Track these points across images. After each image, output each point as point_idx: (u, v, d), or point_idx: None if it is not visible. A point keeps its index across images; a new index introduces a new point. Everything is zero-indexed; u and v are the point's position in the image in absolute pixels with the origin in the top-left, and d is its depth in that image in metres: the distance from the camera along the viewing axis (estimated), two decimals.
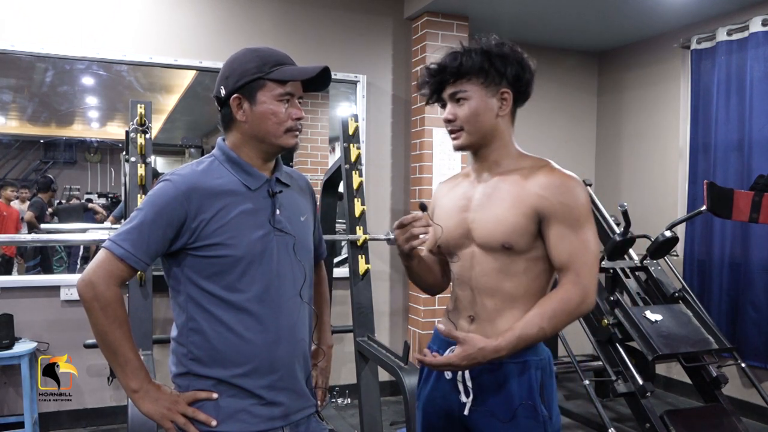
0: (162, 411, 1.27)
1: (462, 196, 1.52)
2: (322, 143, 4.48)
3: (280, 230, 1.34)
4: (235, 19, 3.85)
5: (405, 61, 4.26)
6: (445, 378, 1.49)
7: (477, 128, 1.44)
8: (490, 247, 1.42)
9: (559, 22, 4.22)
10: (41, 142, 4.70)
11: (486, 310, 1.44)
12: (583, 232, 1.37)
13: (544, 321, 1.34)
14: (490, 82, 1.42)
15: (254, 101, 1.30)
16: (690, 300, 3.27)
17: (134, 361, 1.27)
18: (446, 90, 1.45)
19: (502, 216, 1.41)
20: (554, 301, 1.35)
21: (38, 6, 3.45)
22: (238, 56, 1.35)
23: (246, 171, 1.33)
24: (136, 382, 1.27)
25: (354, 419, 3.57)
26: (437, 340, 1.55)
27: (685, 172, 4.22)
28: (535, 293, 1.43)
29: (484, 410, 1.43)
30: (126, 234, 1.25)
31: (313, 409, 1.42)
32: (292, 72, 1.31)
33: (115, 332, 1.25)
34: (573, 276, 1.36)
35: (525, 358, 1.41)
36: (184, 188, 1.27)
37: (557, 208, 1.37)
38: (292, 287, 1.35)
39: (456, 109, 1.44)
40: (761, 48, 3.69)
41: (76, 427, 3.51)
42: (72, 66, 3.72)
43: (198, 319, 1.29)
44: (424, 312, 4.05)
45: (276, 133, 1.31)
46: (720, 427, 2.96)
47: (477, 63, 1.40)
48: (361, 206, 3.22)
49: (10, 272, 4.37)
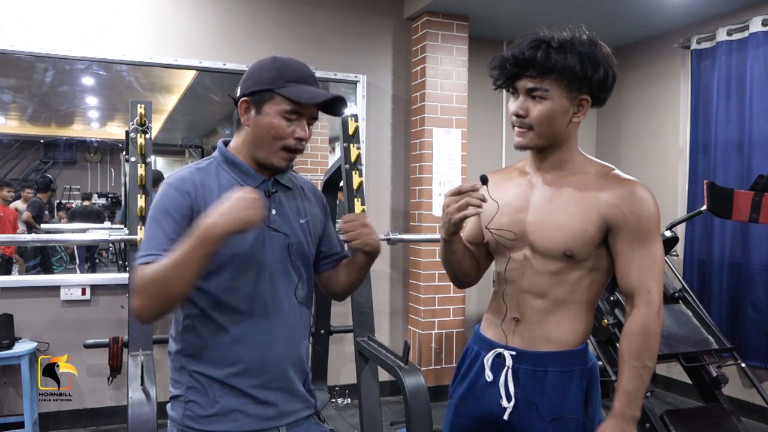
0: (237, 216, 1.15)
1: (517, 195, 1.42)
2: (322, 143, 4.48)
3: (275, 229, 1.33)
4: (235, 19, 3.85)
5: (405, 61, 4.26)
6: (486, 380, 1.43)
7: (547, 131, 1.34)
8: (548, 253, 1.35)
9: (559, 22, 4.20)
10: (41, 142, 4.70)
11: (532, 311, 1.39)
12: (652, 245, 1.32)
13: (641, 361, 1.30)
14: (575, 87, 1.32)
15: (260, 111, 1.30)
16: (690, 300, 3.28)
17: (182, 245, 1.15)
18: (523, 81, 1.33)
19: (565, 222, 1.33)
20: (638, 336, 1.31)
21: (38, 6, 3.45)
22: (262, 62, 1.34)
23: (243, 171, 1.34)
24: (197, 241, 1.14)
25: (354, 419, 3.57)
26: (479, 341, 1.50)
27: (685, 172, 4.22)
28: (586, 300, 1.38)
29: (527, 412, 1.38)
30: (146, 246, 1.24)
31: (311, 410, 1.41)
32: (299, 93, 1.28)
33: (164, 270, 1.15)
34: (645, 294, 1.31)
35: (572, 367, 1.37)
36: (184, 186, 1.29)
37: (629, 218, 1.30)
38: (287, 287, 1.35)
39: (530, 105, 1.33)
40: (761, 48, 3.69)
41: (76, 427, 3.51)
42: (72, 66, 3.72)
43: (192, 318, 1.30)
44: (424, 312, 4.05)
45: (271, 147, 1.30)
46: (720, 427, 2.96)
47: (569, 65, 1.29)
48: (361, 206, 3.21)
49: (10, 272, 4.37)
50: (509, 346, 1.41)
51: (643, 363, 1.30)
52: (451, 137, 4.09)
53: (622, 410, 1.29)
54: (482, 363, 1.45)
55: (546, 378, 1.37)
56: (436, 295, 4.07)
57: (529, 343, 1.39)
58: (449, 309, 4.10)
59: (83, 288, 3.50)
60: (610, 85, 1.35)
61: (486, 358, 1.44)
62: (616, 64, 1.36)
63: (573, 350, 1.38)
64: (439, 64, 4.09)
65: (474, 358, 1.49)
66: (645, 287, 1.31)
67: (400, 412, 3.70)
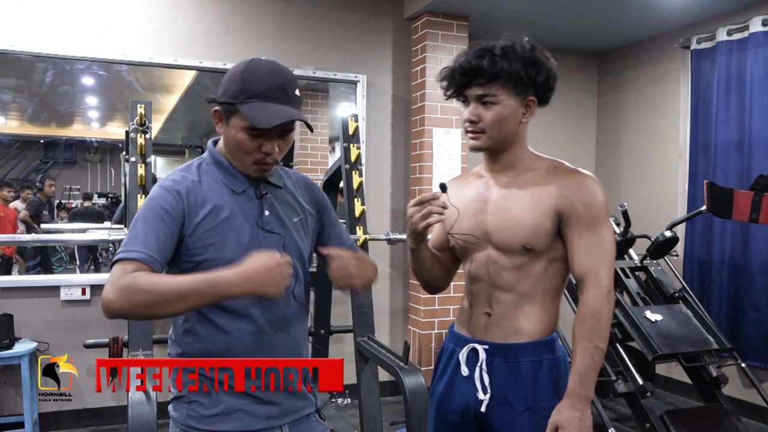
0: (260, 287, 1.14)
1: (476, 198, 1.50)
2: (322, 143, 4.48)
3: (269, 231, 1.33)
4: (235, 19, 3.84)
5: (405, 61, 4.26)
6: (462, 375, 1.49)
7: (500, 133, 1.42)
8: (509, 248, 1.43)
9: (559, 22, 4.22)
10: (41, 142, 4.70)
11: (502, 305, 1.45)
12: (601, 231, 1.39)
13: (592, 342, 1.36)
14: (521, 89, 1.41)
15: (228, 123, 1.28)
16: (690, 300, 3.28)
17: (192, 280, 1.14)
18: (473, 89, 1.42)
19: (521, 217, 1.41)
20: (588, 318, 1.37)
21: (38, 6, 3.45)
22: (234, 69, 1.30)
23: (231, 174, 1.33)
24: (213, 282, 1.12)
25: (354, 419, 3.57)
26: (453, 338, 1.56)
27: (685, 172, 4.22)
28: (551, 291, 1.46)
29: (502, 402, 1.43)
30: (131, 242, 1.22)
31: (312, 408, 1.42)
32: (254, 114, 1.23)
33: (161, 290, 1.12)
34: (594, 278, 1.38)
35: (542, 356, 1.44)
36: (176, 189, 1.28)
37: (578, 207, 1.39)
38: None
39: (481, 111, 1.41)
40: (761, 48, 3.69)
41: (76, 427, 3.51)
42: (72, 66, 3.72)
43: (192, 321, 1.30)
44: (424, 312, 4.05)
45: (242, 161, 1.29)
46: (720, 427, 2.96)
47: (514, 69, 1.38)
48: (361, 206, 3.22)
49: (10, 272, 4.37)
50: (482, 340, 1.48)
51: (594, 344, 1.36)
52: (451, 137, 4.09)
53: (575, 390, 1.35)
54: (458, 359, 1.50)
55: (519, 369, 1.43)
56: (436, 295, 4.07)
57: (501, 336, 1.45)
58: (449, 309, 4.10)
59: (83, 288, 3.50)
60: (552, 85, 1.44)
61: (461, 354, 1.50)
62: (555, 65, 1.45)
63: (542, 341, 1.45)
64: (439, 64, 4.09)
65: (450, 355, 1.55)
66: (594, 271, 1.38)
67: (400, 412, 3.70)
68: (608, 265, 1.40)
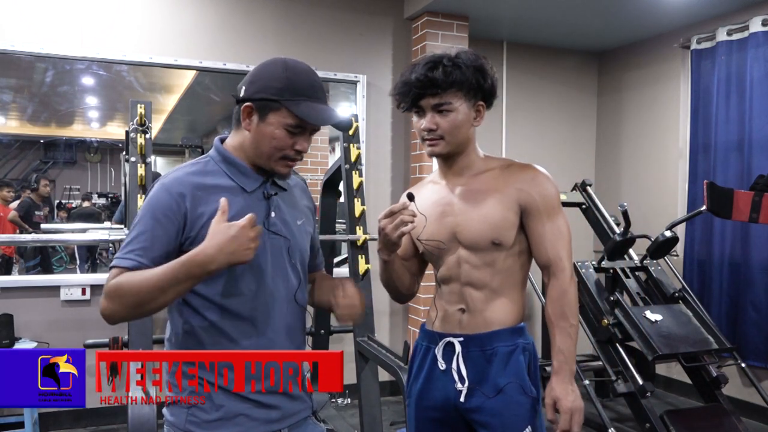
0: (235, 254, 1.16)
1: (439, 203, 1.56)
2: (322, 143, 4.48)
3: (275, 233, 1.32)
4: (235, 19, 3.84)
5: (405, 61, 4.26)
6: (439, 370, 1.55)
7: (457, 138, 1.50)
8: (478, 246, 1.51)
9: (559, 23, 4.22)
10: (41, 142, 4.71)
11: (476, 301, 1.53)
12: (557, 219, 1.52)
13: (567, 321, 1.48)
14: (472, 96, 1.49)
15: (264, 119, 1.27)
16: (690, 300, 3.28)
17: (168, 270, 1.15)
18: (427, 100, 1.48)
19: (488, 214, 1.50)
20: (560, 299, 1.49)
21: (38, 6, 3.45)
22: (270, 67, 1.30)
23: (242, 172, 1.32)
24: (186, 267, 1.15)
25: (354, 419, 3.57)
26: (426, 336, 1.61)
27: (685, 172, 4.22)
28: (518, 283, 1.56)
29: (475, 390, 1.51)
30: (131, 246, 1.22)
31: (309, 411, 1.42)
32: (308, 112, 1.26)
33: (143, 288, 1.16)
34: (558, 262, 1.50)
35: (515, 341, 1.52)
36: (178, 189, 1.25)
37: (537, 199, 1.50)
38: (286, 291, 1.34)
39: (438, 119, 1.48)
40: (761, 48, 3.69)
41: (76, 427, 3.51)
42: (72, 66, 3.72)
43: (192, 323, 1.28)
44: (424, 312, 4.04)
45: (271, 156, 1.29)
46: (720, 427, 2.96)
47: (466, 77, 1.46)
48: (361, 206, 3.21)
49: (10, 272, 4.37)
50: (457, 333, 1.54)
51: (569, 322, 1.48)
52: None
53: (561, 367, 1.47)
54: (434, 355, 1.56)
55: (494, 355, 1.51)
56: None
57: (474, 327, 1.53)
58: None
59: (83, 288, 3.50)
60: (495, 90, 1.55)
61: (437, 349, 1.56)
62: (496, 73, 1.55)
63: (514, 327, 1.54)
64: None
65: (425, 352, 1.60)
66: (558, 256, 1.50)
67: (400, 412, 3.70)
68: (568, 250, 1.52)
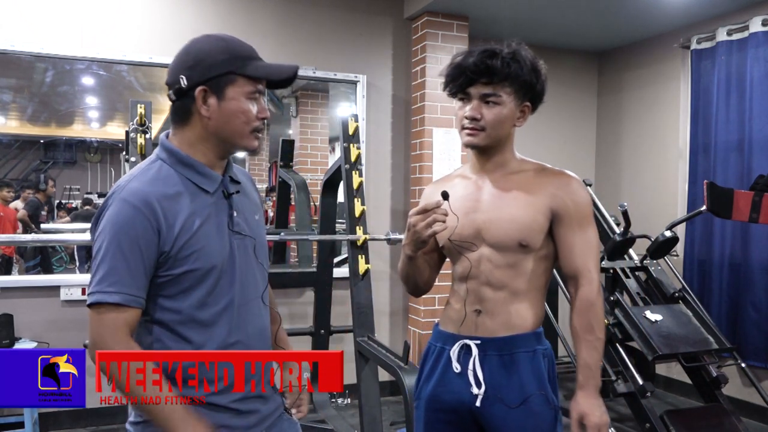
0: None
1: (466, 198, 1.51)
2: (322, 143, 4.48)
3: (239, 233, 1.27)
4: (235, 19, 3.84)
5: (405, 61, 4.26)
6: (454, 372, 1.49)
7: (498, 132, 1.47)
8: (504, 246, 1.46)
9: (559, 23, 4.22)
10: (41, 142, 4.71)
11: (493, 302, 1.48)
12: (588, 229, 1.48)
13: (593, 334, 1.45)
14: (522, 94, 1.46)
15: (222, 96, 1.20)
16: (690, 300, 3.27)
17: (162, 413, 1.18)
18: (477, 88, 1.44)
19: (517, 215, 1.45)
20: (587, 311, 1.46)
21: (38, 6, 3.45)
22: (203, 45, 1.22)
23: (200, 173, 1.24)
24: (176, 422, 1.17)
25: (354, 419, 3.57)
26: (441, 337, 1.56)
27: (685, 172, 4.22)
28: (539, 287, 1.50)
29: (495, 399, 1.45)
30: (107, 277, 1.13)
31: (281, 408, 1.39)
32: (267, 70, 1.22)
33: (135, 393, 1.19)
34: (587, 273, 1.46)
35: (534, 347, 1.47)
36: (143, 204, 1.16)
37: (570, 206, 1.46)
38: (255, 292, 1.31)
39: (484, 110, 1.44)
40: (761, 48, 3.69)
41: (76, 427, 3.51)
42: (72, 66, 3.72)
43: (165, 341, 1.22)
44: (424, 312, 4.05)
45: (242, 132, 1.23)
46: (720, 427, 2.96)
47: (521, 73, 1.43)
48: (361, 206, 3.21)
49: (10, 272, 4.37)
50: (473, 336, 1.49)
51: (595, 335, 1.45)
52: (451, 137, 4.09)
53: (587, 381, 1.43)
54: (448, 356, 1.51)
55: (512, 360, 1.46)
56: (436, 295, 4.07)
57: (492, 330, 1.48)
58: None
59: (83, 288, 3.49)
60: (544, 94, 1.52)
61: (452, 351, 1.51)
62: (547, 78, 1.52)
63: (533, 332, 1.49)
64: (439, 64, 4.09)
65: (438, 354, 1.55)
66: (587, 267, 1.47)
67: (400, 412, 3.70)
68: (597, 262, 1.49)
